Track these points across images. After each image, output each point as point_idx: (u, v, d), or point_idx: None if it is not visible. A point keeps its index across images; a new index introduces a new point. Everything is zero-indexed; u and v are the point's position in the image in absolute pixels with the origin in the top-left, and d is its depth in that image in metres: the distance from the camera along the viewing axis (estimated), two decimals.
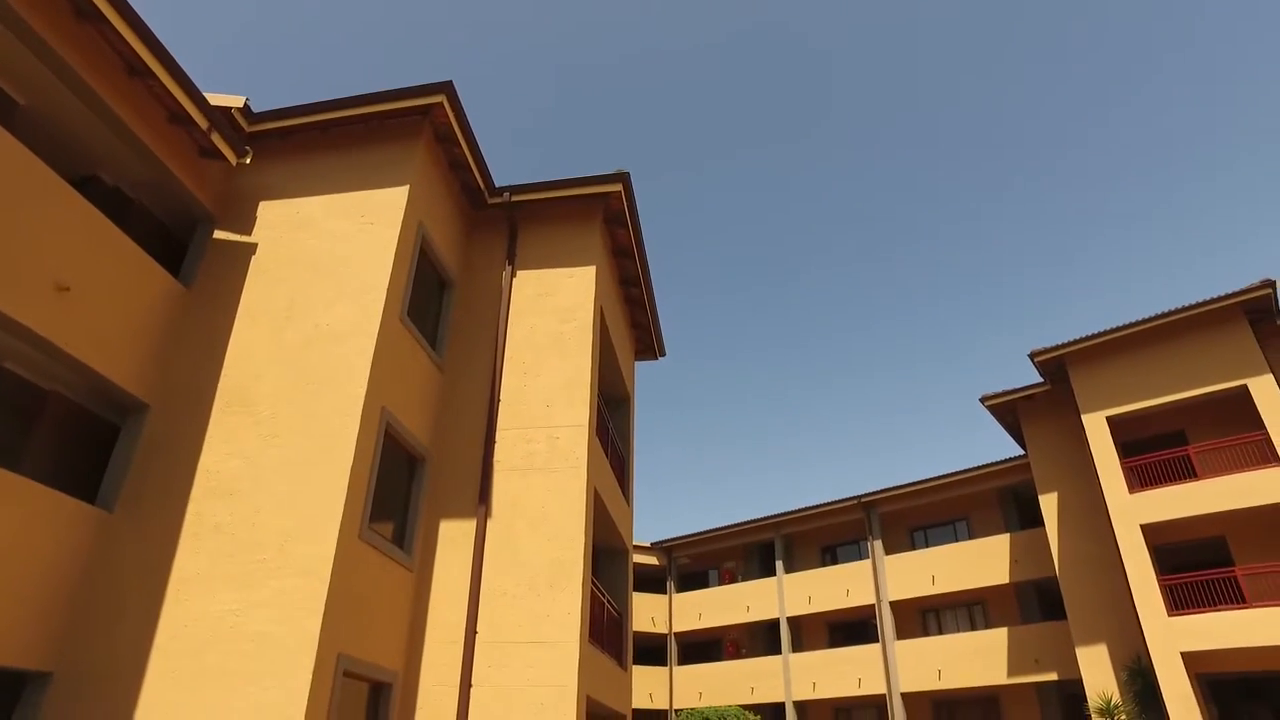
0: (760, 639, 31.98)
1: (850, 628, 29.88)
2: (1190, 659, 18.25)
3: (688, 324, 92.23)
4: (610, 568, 13.29)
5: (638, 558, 34.37)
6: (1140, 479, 20.43)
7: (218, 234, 10.33)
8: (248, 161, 10.34)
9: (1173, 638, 18.35)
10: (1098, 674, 20.85)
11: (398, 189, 10.35)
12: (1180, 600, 18.95)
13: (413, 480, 10.23)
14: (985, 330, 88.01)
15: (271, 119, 10.75)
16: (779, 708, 29.20)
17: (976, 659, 25.01)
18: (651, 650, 33.49)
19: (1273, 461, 18.66)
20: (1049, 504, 23.26)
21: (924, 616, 28.32)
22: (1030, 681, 23.90)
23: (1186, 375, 20.26)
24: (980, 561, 26.03)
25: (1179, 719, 17.65)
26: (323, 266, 9.84)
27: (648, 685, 32.09)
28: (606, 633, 11.49)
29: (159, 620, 7.78)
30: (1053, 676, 23.29)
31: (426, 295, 11.13)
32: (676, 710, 30.88)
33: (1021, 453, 25.35)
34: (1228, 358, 19.85)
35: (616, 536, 12.81)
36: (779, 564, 31.15)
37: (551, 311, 11.60)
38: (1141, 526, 19.61)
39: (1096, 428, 21.11)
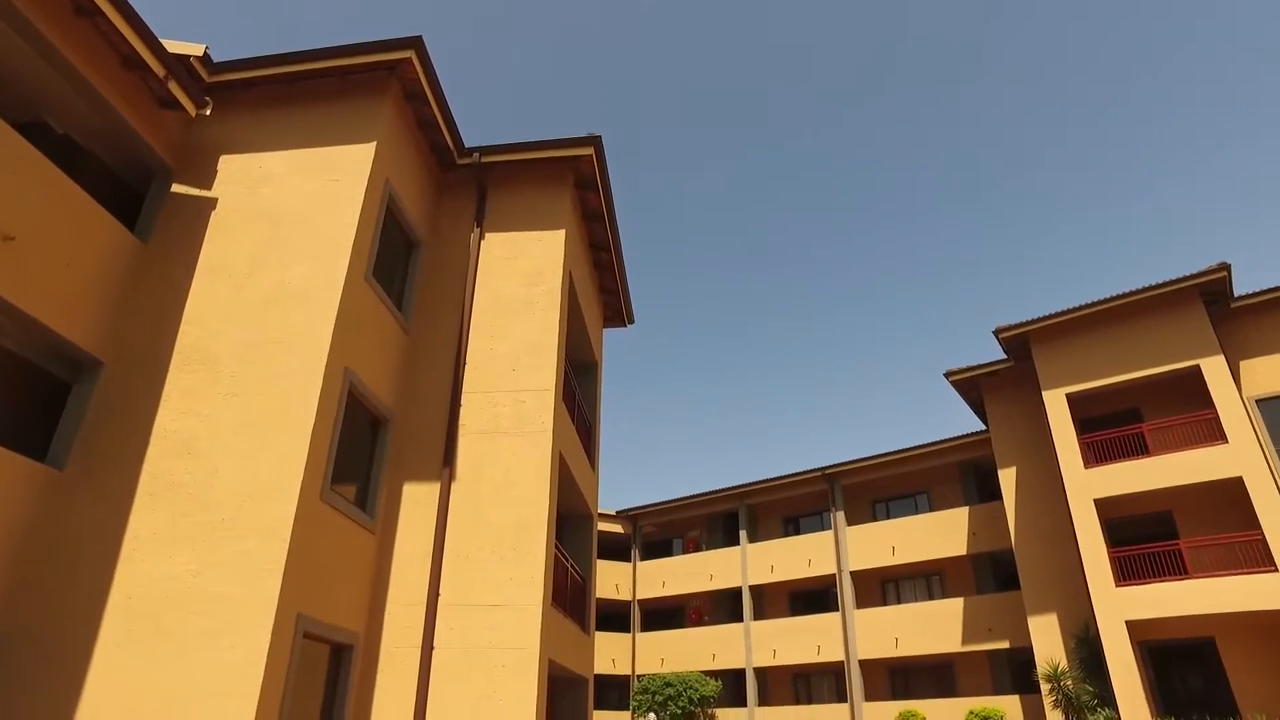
0: (723, 607, 32.46)
1: (811, 596, 30.44)
2: (1134, 627, 18.91)
3: (657, 295, 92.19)
4: (575, 533, 13.32)
5: (603, 526, 34.59)
6: (1096, 455, 20.94)
7: (176, 187, 10.01)
8: (207, 113, 9.99)
9: (1119, 607, 18.98)
10: (1047, 642, 21.51)
11: (364, 146, 10.11)
12: (1127, 571, 19.56)
13: (376, 442, 10.11)
14: (951, 307, 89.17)
15: (233, 69, 10.42)
16: (739, 674, 29.75)
17: (933, 628, 25.66)
18: (615, 617, 33.84)
19: (1219, 440, 19.23)
20: (1007, 478, 23.77)
21: (883, 586, 28.92)
22: (983, 649, 24.59)
23: (1144, 354, 20.73)
24: (939, 533, 26.60)
25: (1120, 683, 18.33)
26: (286, 223, 9.61)
27: (611, 651, 32.46)
28: (570, 597, 11.54)
29: (113, 580, 7.64)
30: (1005, 645, 23.99)
31: (393, 255, 10.93)
32: (639, 676, 31.32)
33: (983, 428, 25.82)
34: (1183, 338, 20.34)
35: (581, 502, 12.82)
36: (743, 534, 31.54)
37: (520, 275, 11.47)
38: (1095, 501, 20.15)
39: (1056, 404, 21.55)
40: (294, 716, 7.68)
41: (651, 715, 27.70)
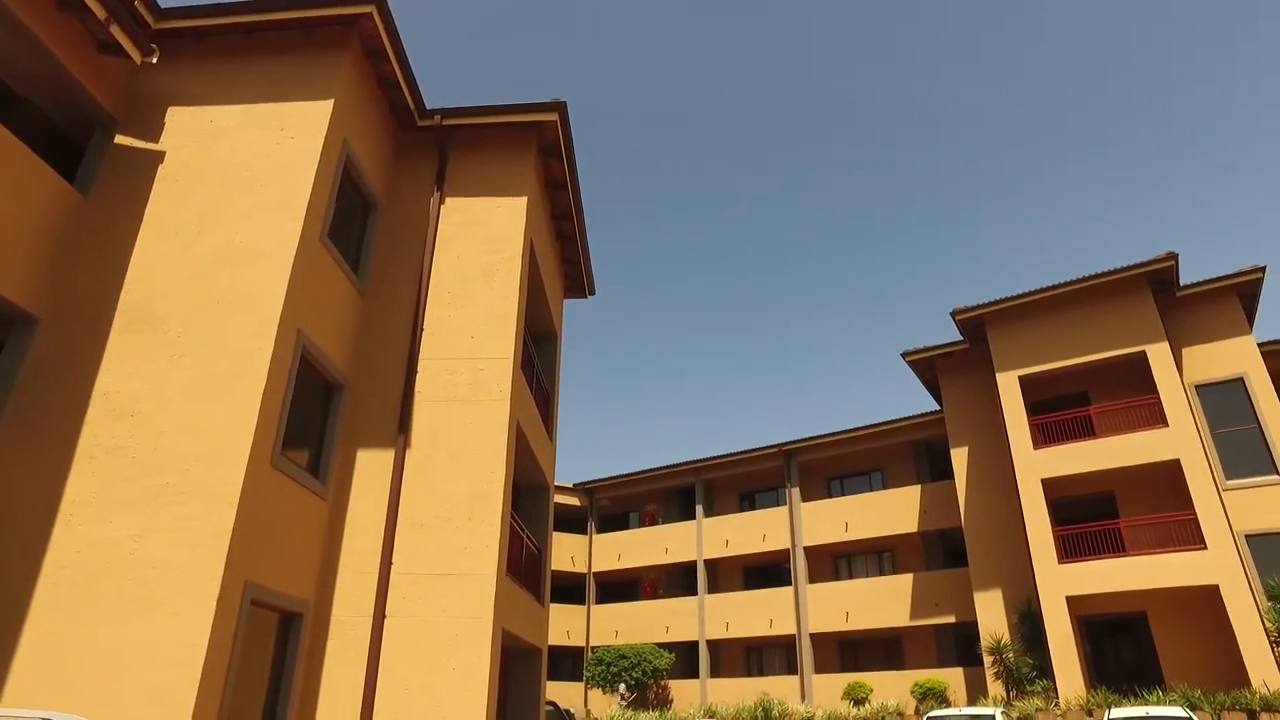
0: (677, 580, 32.76)
1: (765, 571, 30.86)
2: (1073, 602, 19.57)
3: (619, 268, 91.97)
4: (531, 504, 13.23)
5: (559, 498, 34.56)
6: (1045, 436, 21.47)
7: (119, 139, 9.56)
8: (154, 61, 9.52)
9: (1060, 583, 19.60)
10: (991, 616, 22.13)
11: (321, 102, 9.78)
12: (1070, 549, 20.17)
13: (329, 408, 9.88)
14: (910, 287, 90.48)
15: (183, 17, 9.95)
16: (693, 646, 30.12)
17: (882, 603, 26.22)
18: (570, 589, 33.96)
19: (1160, 424, 19.85)
20: (959, 458, 24.26)
21: (836, 561, 29.44)
22: (930, 624, 25.22)
23: (1094, 339, 21.24)
24: (892, 511, 27.12)
25: (1058, 655, 18.99)
26: (237, 180, 9.26)
27: (565, 623, 32.60)
28: (525, 568, 11.49)
29: (48, 546, 7.34)
30: (951, 619, 24.63)
31: (349, 217, 10.63)
32: (593, 647, 31.53)
33: (937, 408, 26.27)
34: (1131, 325, 20.89)
35: (539, 473, 12.73)
36: (699, 508, 31.79)
37: (480, 241, 11.25)
38: (1042, 481, 20.68)
39: (1009, 386, 21.99)
40: (240, 685, 7.53)
41: (622, 686, 28.04)
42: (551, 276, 14.14)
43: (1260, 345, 21.15)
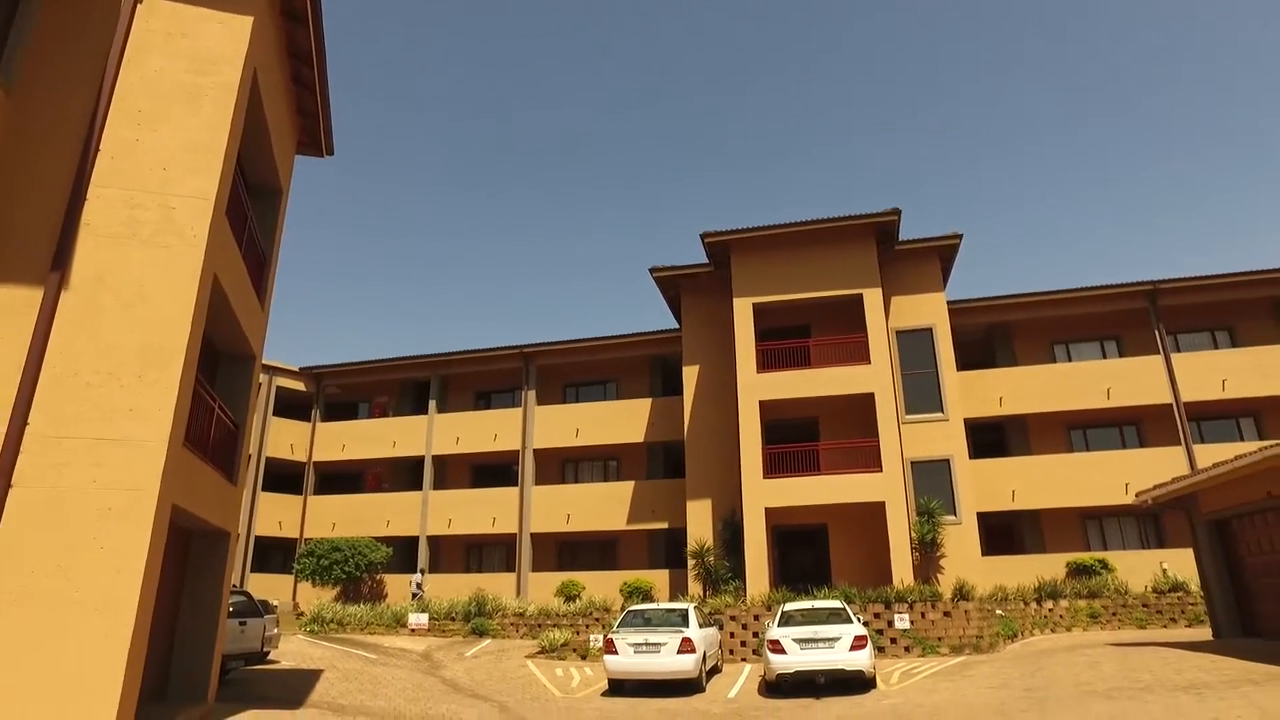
0: (403, 475, 31.85)
1: (493, 470, 30.91)
2: (770, 514, 21.67)
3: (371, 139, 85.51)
4: (231, 375, 11.65)
5: (283, 381, 31.93)
6: (768, 362, 23.16)
7: None
8: None
9: (762, 496, 21.56)
10: (700, 524, 23.96)
11: None
12: (775, 466, 22.18)
13: None
14: (663, 210, 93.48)
15: None
16: (413, 541, 29.62)
17: (603, 507, 27.36)
18: (289, 478, 31.77)
19: (865, 360, 22.21)
20: (690, 375, 25.57)
21: (564, 466, 30.18)
22: (644, 529, 26.78)
23: (822, 277, 23.12)
24: (622, 420, 28.18)
25: (752, 559, 21.06)
26: None
27: (280, 513, 30.60)
28: (215, 442, 10.14)
29: None
30: (664, 525, 26.33)
31: None
32: (307, 539, 29.93)
33: (675, 326, 27.36)
34: (854, 269, 23.01)
35: (242, 341, 11.21)
36: (432, 403, 30.94)
37: (187, 58, 9.31)
38: (760, 403, 22.39)
39: (743, 311, 23.34)
40: None
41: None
42: (281, 124, 12.28)
43: (949, 303, 24.30)
